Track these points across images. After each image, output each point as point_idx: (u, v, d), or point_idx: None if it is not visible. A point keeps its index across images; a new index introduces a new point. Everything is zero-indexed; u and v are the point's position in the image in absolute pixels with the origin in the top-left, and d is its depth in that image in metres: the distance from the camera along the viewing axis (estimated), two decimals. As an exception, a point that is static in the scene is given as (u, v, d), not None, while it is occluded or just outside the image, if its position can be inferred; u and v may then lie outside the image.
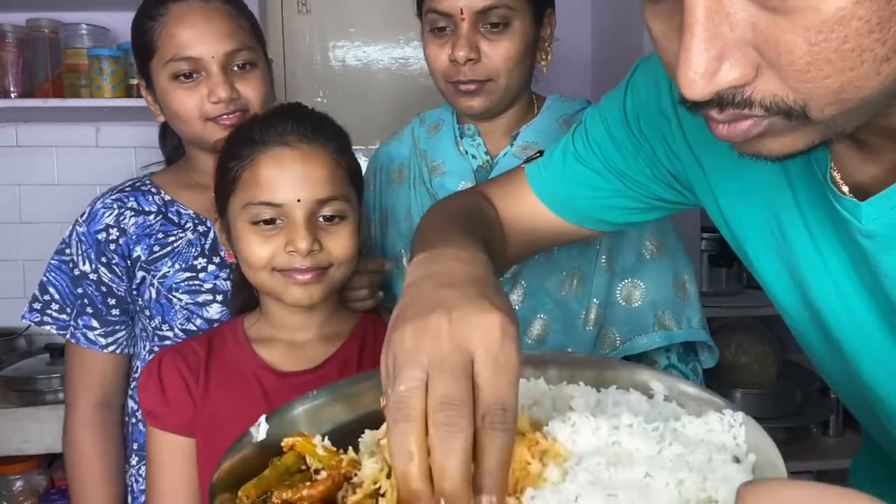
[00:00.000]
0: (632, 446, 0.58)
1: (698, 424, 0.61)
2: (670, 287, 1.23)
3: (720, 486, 0.54)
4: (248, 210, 0.99)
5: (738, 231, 0.77)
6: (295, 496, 0.58)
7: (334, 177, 1.01)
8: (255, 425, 0.65)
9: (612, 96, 0.88)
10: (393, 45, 2.56)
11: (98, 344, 1.26)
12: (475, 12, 1.15)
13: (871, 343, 0.68)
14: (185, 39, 1.19)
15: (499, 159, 1.26)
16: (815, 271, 0.69)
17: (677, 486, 0.54)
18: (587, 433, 0.59)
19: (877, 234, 0.61)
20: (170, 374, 1.03)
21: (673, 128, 0.80)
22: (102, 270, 1.25)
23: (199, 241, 1.26)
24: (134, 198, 1.27)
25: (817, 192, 0.66)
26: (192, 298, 1.23)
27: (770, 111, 0.48)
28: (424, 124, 1.36)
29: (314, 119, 1.05)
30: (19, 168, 2.37)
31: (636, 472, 0.55)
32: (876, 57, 0.45)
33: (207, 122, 1.21)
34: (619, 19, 2.29)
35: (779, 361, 2.23)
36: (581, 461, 0.56)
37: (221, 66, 1.19)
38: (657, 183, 0.85)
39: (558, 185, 0.90)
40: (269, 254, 0.99)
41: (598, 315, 1.22)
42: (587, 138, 0.88)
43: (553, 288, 1.22)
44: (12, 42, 2.11)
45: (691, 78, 0.47)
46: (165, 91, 1.22)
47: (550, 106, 1.29)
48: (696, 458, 0.57)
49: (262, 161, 0.99)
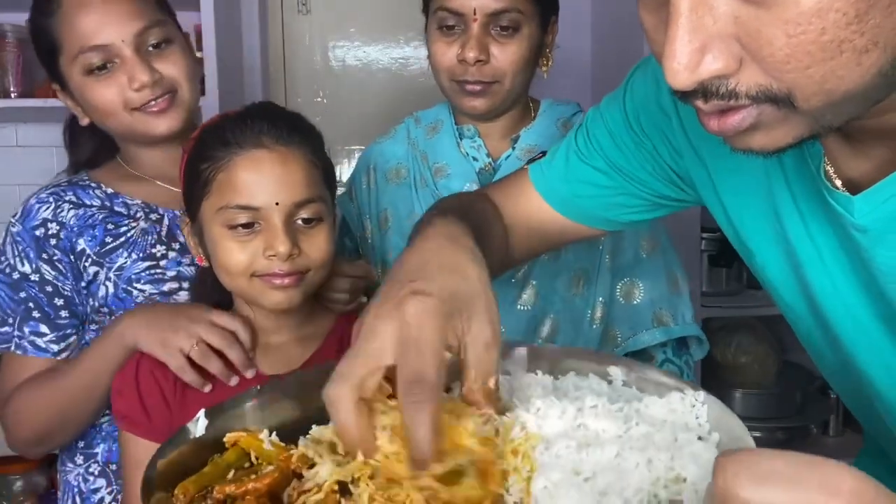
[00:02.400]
0: (598, 427, 0.59)
1: (661, 405, 0.62)
2: (665, 284, 1.25)
3: (688, 463, 0.54)
4: (224, 214, 0.96)
5: (739, 226, 0.78)
6: (239, 490, 0.57)
7: (311, 178, 0.99)
8: (193, 420, 0.62)
9: (613, 97, 0.88)
10: (393, 45, 2.56)
11: (49, 351, 1.15)
12: (487, 14, 1.16)
13: (868, 337, 0.68)
14: (89, 28, 1.10)
15: (501, 162, 1.28)
16: (812, 265, 0.70)
17: (647, 465, 0.54)
18: (553, 417, 0.59)
19: (869, 228, 0.61)
20: (147, 381, 1.00)
21: (674, 124, 0.80)
22: (45, 268, 1.15)
23: (155, 228, 1.19)
24: (72, 191, 1.19)
25: (812, 187, 0.67)
26: (156, 288, 1.16)
27: (757, 100, 0.50)
28: (420, 124, 1.36)
29: (289, 119, 1.01)
30: (19, 168, 2.37)
31: (607, 453, 0.55)
32: (855, 48, 0.46)
33: (135, 112, 1.13)
34: (620, 25, 2.29)
35: (779, 361, 2.23)
36: (550, 446, 0.57)
37: (135, 49, 1.11)
38: (659, 180, 0.86)
39: (561, 184, 0.91)
40: (247, 259, 0.96)
41: (604, 313, 1.24)
42: (589, 137, 0.89)
43: (562, 288, 1.25)
44: (12, 42, 2.11)
45: (675, 68, 0.48)
46: (81, 88, 1.14)
47: (546, 110, 1.31)
48: (661, 438, 0.57)
49: (237, 163, 0.96)
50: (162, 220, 1.20)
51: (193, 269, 1.17)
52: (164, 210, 1.21)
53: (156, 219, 1.20)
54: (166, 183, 1.22)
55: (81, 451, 1.21)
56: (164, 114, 1.14)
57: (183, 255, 1.18)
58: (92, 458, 1.20)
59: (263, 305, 1.00)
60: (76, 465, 1.21)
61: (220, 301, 1.07)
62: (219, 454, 0.61)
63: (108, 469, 1.19)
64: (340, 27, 2.54)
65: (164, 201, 1.21)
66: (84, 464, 1.21)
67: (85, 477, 1.20)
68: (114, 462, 1.19)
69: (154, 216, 1.20)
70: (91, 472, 1.20)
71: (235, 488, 0.57)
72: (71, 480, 1.22)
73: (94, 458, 1.20)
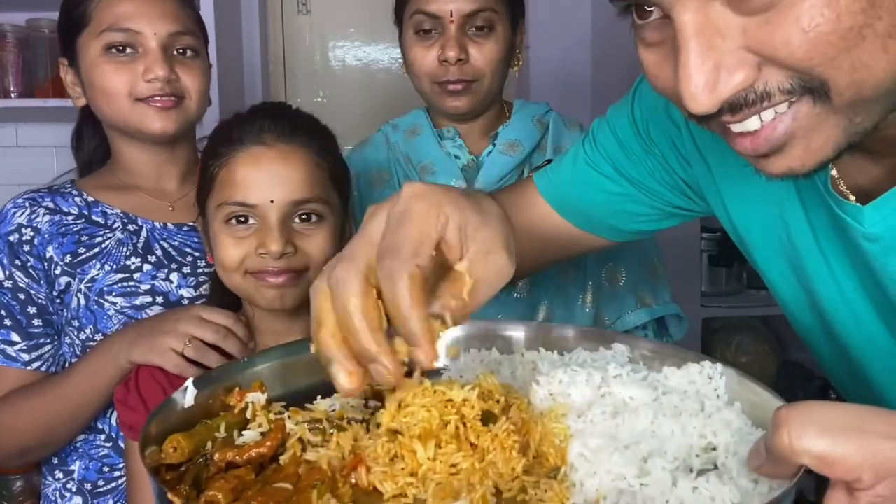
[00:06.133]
0: (626, 394, 0.59)
1: (680, 375, 0.62)
2: (645, 268, 1.32)
3: (720, 430, 0.55)
4: (223, 210, 0.96)
5: (746, 235, 0.77)
6: (242, 455, 0.55)
7: (312, 178, 0.97)
8: (181, 389, 0.61)
9: (619, 107, 0.88)
10: (393, 46, 2.55)
11: (20, 360, 1.12)
12: (464, 15, 1.21)
13: (877, 347, 0.68)
14: (127, 11, 1.11)
15: (483, 158, 1.32)
16: (820, 275, 0.69)
17: (682, 432, 0.55)
18: (581, 384, 0.59)
19: (880, 237, 0.60)
20: (151, 389, 0.97)
21: (683, 134, 0.80)
22: (18, 275, 1.12)
23: (130, 239, 1.16)
24: (51, 198, 1.17)
25: (820, 198, 0.66)
26: (128, 301, 1.13)
27: (792, 92, 0.48)
28: (398, 130, 1.39)
29: (295, 118, 1.01)
30: (19, 168, 2.37)
31: (643, 420, 0.55)
32: (877, 33, 0.45)
33: (137, 103, 1.12)
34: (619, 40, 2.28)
35: (779, 361, 2.23)
36: (582, 413, 0.57)
37: (162, 46, 1.11)
38: (668, 189, 0.85)
39: (569, 189, 0.90)
40: (241, 255, 0.96)
41: (594, 297, 1.31)
42: (596, 145, 0.88)
43: (554, 276, 1.28)
44: (12, 42, 2.11)
45: (693, 92, 0.48)
46: (94, 65, 1.12)
47: (520, 108, 1.37)
48: (689, 405, 0.57)
49: (238, 160, 0.96)
50: (140, 232, 1.18)
51: (168, 284, 1.15)
52: (144, 221, 1.19)
53: (133, 230, 1.18)
54: (150, 194, 1.20)
55: (59, 468, 1.20)
56: (164, 112, 1.13)
57: (159, 268, 1.16)
58: (69, 475, 1.18)
59: (258, 304, 0.99)
60: (55, 480, 1.20)
61: (232, 302, 1.07)
62: (208, 419, 0.61)
63: (83, 487, 1.17)
64: (340, 27, 2.54)
65: (146, 212, 1.19)
66: (63, 479, 1.19)
67: (62, 493, 1.19)
68: (90, 481, 1.17)
69: (132, 227, 1.18)
70: (69, 488, 1.18)
71: (237, 453, 0.55)
72: (49, 494, 1.21)
73: (71, 476, 1.18)
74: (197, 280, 1.17)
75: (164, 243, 1.18)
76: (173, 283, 1.16)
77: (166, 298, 1.15)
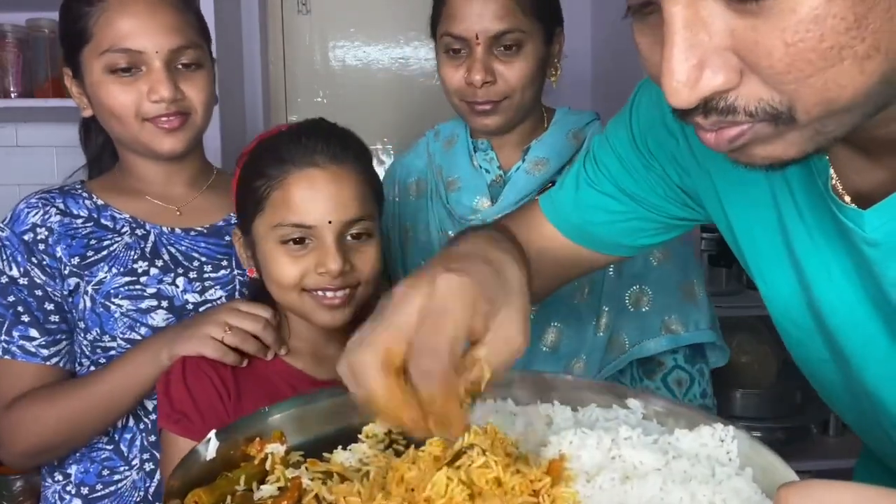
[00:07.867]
0: (636, 459, 0.58)
1: (692, 438, 0.61)
2: (677, 292, 1.26)
3: (730, 498, 0.54)
4: (278, 230, 0.99)
5: (744, 239, 0.77)
6: None
7: (362, 196, 1.01)
8: (204, 441, 0.63)
9: (617, 121, 0.88)
10: (393, 45, 2.56)
11: (39, 356, 1.13)
12: (490, 37, 1.19)
13: (877, 354, 0.67)
14: (127, 30, 1.09)
15: (511, 174, 1.30)
16: (819, 281, 0.69)
17: (691, 499, 0.54)
18: (591, 447, 0.59)
19: (881, 243, 0.60)
20: (199, 382, 1.00)
21: (681, 145, 0.79)
22: (35, 272, 1.13)
23: (138, 244, 1.17)
24: (62, 199, 1.18)
25: (819, 202, 0.66)
26: (133, 305, 1.14)
27: (754, 117, 0.49)
28: (439, 138, 1.39)
29: (342, 138, 1.04)
30: (19, 168, 2.37)
31: (651, 487, 0.55)
32: (856, 55, 0.45)
33: (145, 123, 1.12)
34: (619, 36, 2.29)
35: (779, 361, 2.23)
36: (591, 478, 0.56)
37: (165, 63, 1.10)
38: (669, 201, 0.85)
39: (572, 212, 0.89)
40: (298, 274, 0.99)
41: (609, 321, 1.25)
42: (597, 164, 0.88)
43: (566, 296, 1.25)
44: (12, 42, 2.11)
45: (674, 87, 0.48)
46: (98, 84, 1.12)
47: (559, 119, 1.32)
48: (700, 471, 0.56)
49: (292, 182, 0.98)
50: (147, 236, 1.19)
51: (174, 288, 1.16)
52: (152, 226, 1.19)
53: (141, 234, 1.18)
54: (158, 199, 1.21)
55: (58, 470, 1.19)
56: (172, 133, 1.14)
57: (165, 273, 1.16)
58: (67, 478, 1.18)
59: (313, 322, 1.02)
60: (55, 482, 1.20)
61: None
62: (228, 472, 0.62)
63: (80, 491, 1.17)
64: (340, 27, 2.54)
65: (154, 217, 1.20)
66: (63, 481, 1.19)
67: (62, 496, 1.19)
68: (88, 484, 1.17)
69: (140, 231, 1.18)
70: (68, 490, 1.18)
71: None
72: (49, 497, 1.21)
73: (69, 479, 1.18)
74: (203, 285, 1.18)
75: (171, 248, 1.19)
76: (179, 288, 1.17)
77: (171, 303, 1.15)
